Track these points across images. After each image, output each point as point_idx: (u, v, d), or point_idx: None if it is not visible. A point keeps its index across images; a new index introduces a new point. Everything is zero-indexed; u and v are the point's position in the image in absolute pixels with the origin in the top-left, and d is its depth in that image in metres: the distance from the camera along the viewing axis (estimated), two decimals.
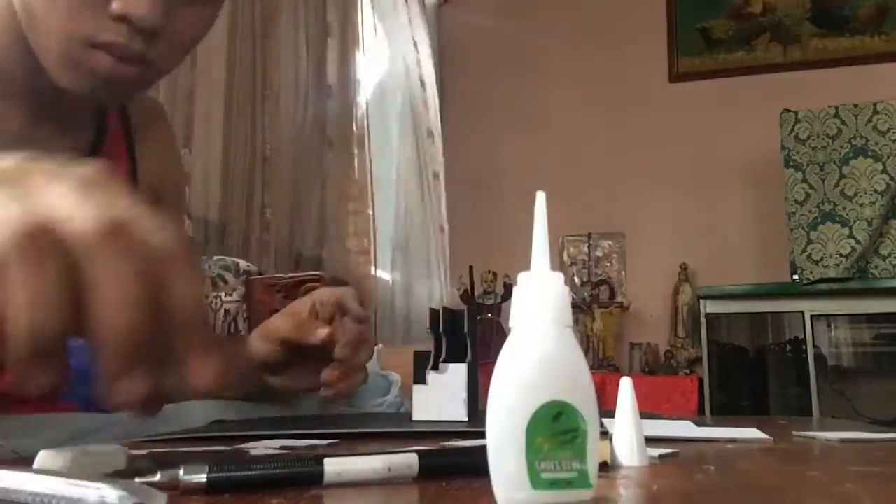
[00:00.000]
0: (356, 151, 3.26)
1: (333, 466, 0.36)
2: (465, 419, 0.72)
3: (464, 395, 0.72)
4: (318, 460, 0.36)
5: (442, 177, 3.70)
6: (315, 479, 0.36)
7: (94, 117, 0.81)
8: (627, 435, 0.44)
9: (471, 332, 0.75)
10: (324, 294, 0.84)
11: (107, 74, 0.69)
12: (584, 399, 0.32)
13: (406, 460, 0.38)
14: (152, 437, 0.61)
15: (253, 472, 0.36)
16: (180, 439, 0.60)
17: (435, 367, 0.73)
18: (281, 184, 2.71)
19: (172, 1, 0.68)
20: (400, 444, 0.53)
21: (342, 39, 3.15)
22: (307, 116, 2.88)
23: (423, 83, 3.59)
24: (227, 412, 0.82)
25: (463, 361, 0.73)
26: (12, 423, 0.69)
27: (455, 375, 0.73)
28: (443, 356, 0.74)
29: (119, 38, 0.67)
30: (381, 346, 1.00)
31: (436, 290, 3.66)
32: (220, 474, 0.35)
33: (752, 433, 0.61)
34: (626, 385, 0.46)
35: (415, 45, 3.56)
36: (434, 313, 0.76)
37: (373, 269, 3.37)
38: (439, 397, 0.72)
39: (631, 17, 3.81)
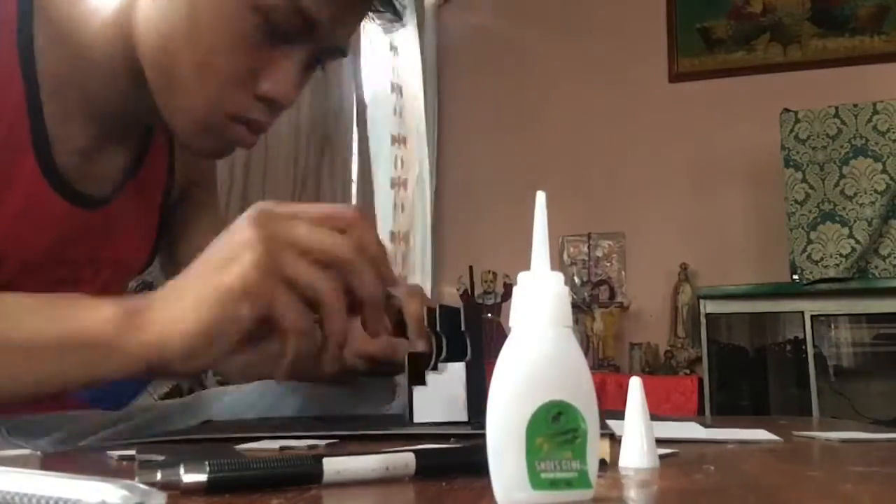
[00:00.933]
0: (355, 151, 3.26)
1: (332, 466, 0.36)
2: (466, 420, 0.71)
3: (463, 394, 0.71)
4: (318, 460, 0.36)
5: (429, 178, 3.69)
6: (314, 478, 0.36)
7: (146, 129, 0.84)
8: (637, 436, 0.43)
9: (471, 330, 0.74)
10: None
11: (239, 143, 0.73)
12: (584, 399, 0.32)
13: (404, 459, 0.38)
14: (140, 440, 0.61)
15: (252, 472, 0.36)
16: (177, 441, 0.60)
17: (434, 367, 0.72)
18: (280, 184, 2.71)
19: (304, 80, 0.71)
20: (399, 445, 0.53)
21: None
22: (306, 116, 2.88)
23: (399, 89, 3.56)
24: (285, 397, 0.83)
25: (462, 360, 0.72)
26: (24, 423, 0.70)
27: (454, 375, 0.72)
28: (443, 355, 0.73)
29: (262, 117, 0.71)
30: None
31: (428, 291, 3.65)
32: (220, 474, 0.35)
33: (761, 434, 0.61)
34: (635, 385, 0.45)
35: (394, 49, 3.54)
36: (430, 312, 0.75)
37: None
38: (439, 398, 0.71)
39: (631, 18, 3.81)
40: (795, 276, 3.03)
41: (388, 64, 3.47)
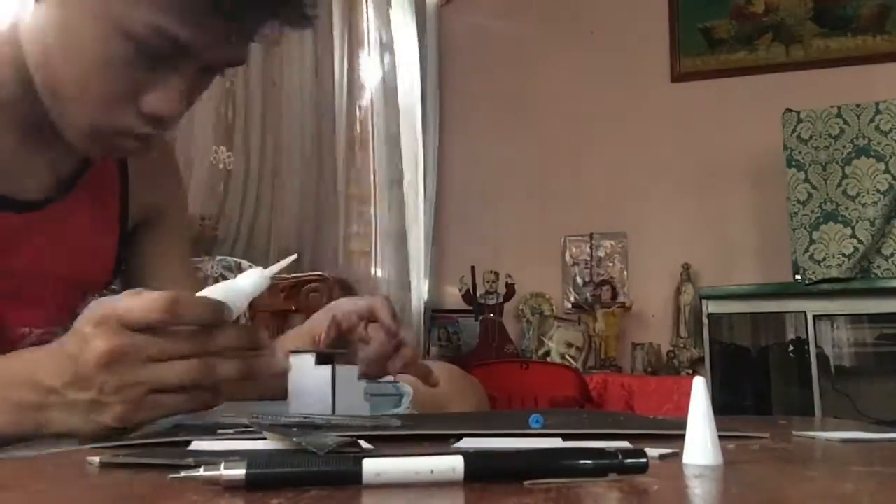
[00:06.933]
0: (359, 152, 3.26)
1: (372, 467, 0.36)
2: (332, 414, 0.71)
3: (329, 393, 0.71)
4: (357, 460, 0.36)
5: (425, 178, 3.68)
6: (354, 478, 0.36)
7: None
8: (701, 434, 0.44)
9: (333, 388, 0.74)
10: (343, 305, 0.83)
11: (129, 153, 0.76)
12: None
13: (450, 463, 0.37)
14: (123, 443, 0.61)
15: (291, 470, 0.36)
16: (158, 443, 0.59)
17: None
18: (282, 184, 2.71)
19: (191, 92, 0.72)
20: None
21: (347, 40, 3.15)
22: (310, 116, 2.88)
23: (394, 89, 3.55)
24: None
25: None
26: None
27: (321, 376, 0.73)
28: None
29: (146, 130, 0.71)
30: None
31: (427, 291, 3.66)
32: (259, 471, 0.35)
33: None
34: (699, 385, 0.46)
35: (388, 49, 3.54)
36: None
37: (372, 268, 3.37)
38: (311, 394, 0.72)
39: (633, 17, 3.80)
40: (798, 276, 3.02)
41: (383, 64, 3.47)
